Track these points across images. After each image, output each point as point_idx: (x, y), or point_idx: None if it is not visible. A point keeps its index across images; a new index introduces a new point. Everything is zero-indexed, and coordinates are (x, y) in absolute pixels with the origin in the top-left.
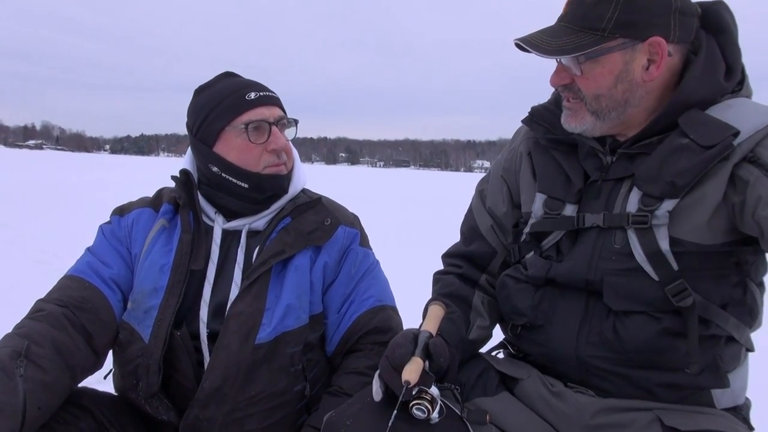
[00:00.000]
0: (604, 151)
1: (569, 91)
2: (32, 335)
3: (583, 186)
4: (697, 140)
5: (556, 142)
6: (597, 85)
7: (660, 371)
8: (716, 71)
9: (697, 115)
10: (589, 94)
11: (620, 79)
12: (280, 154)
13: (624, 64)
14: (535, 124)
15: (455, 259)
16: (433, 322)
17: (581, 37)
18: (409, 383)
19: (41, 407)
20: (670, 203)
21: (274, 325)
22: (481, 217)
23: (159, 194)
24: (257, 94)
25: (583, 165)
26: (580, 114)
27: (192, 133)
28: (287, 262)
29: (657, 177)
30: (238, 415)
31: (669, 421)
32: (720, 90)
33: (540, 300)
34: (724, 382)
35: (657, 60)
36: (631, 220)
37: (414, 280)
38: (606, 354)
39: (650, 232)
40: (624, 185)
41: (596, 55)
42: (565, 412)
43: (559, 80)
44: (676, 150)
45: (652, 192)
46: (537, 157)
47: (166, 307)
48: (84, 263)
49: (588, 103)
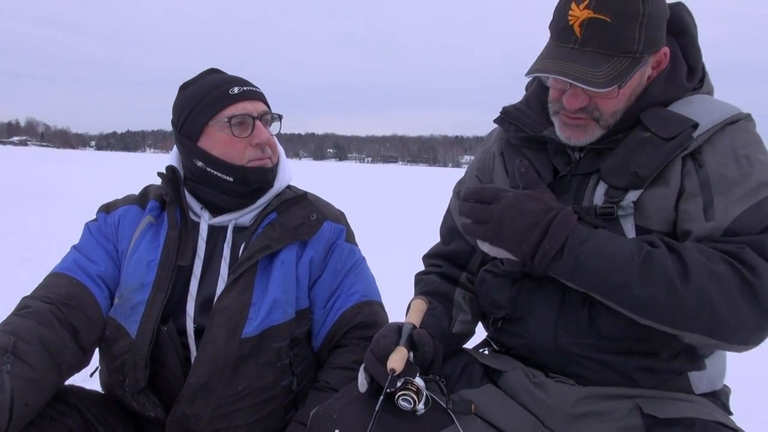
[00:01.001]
0: (572, 148)
1: (582, 112)
2: (19, 332)
3: (552, 180)
4: (659, 133)
5: (526, 140)
6: (619, 103)
7: (637, 356)
8: (679, 74)
9: (658, 110)
10: (608, 111)
11: (634, 92)
12: (264, 149)
13: (639, 78)
14: (506, 123)
15: (435, 260)
16: (416, 315)
17: (619, 62)
18: (395, 371)
19: (28, 404)
20: (634, 194)
21: (261, 320)
22: (459, 217)
23: (145, 191)
24: (240, 89)
25: (553, 161)
26: (590, 129)
27: (177, 128)
28: (273, 257)
29: (621, 170)
30: (226, 411)
31: (648, 409)
32: (683, 90)
33: (518, 292)
34: (700, 365)
35: (659, 66)
36: (598, 212)
37: (400, 276)
38: (584, 341)
39: (617, 222)
40: (591, 179)
41: (630, 78)
42: (547, 402)
43: (579, 103)
44: (639, 143)
45: (616, 184)
46: (509, 156)
47: (153, 302)
48: (70, 260)
49: (603, 120)
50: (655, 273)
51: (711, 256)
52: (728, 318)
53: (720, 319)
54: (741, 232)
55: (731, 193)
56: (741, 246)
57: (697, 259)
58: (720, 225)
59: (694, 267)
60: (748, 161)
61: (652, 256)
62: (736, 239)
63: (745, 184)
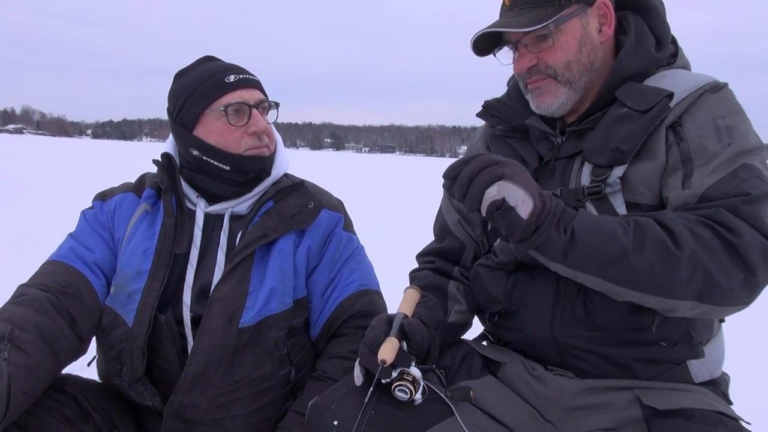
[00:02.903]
0: (554, 134)
1: (536, 73)
2: (15, 320)
3: (537, 166)
4: (635, 107)
5: (510, 130)
6: (566, 53)
7: (635, 347)
8: (646, 44)
9: (632, 86)
10: (560, 64)
11: (583, 42)
12: (261, 137)
13: (582, 28)
14: (488, 116)
15: (428, 257)
16: (407, 304)
17: (544, 10)
18: (385, 362)
19: (26, 391)
20: (619, 170)
21: (258, 309)
22: (449, 214)
23: (141, 180)
24: (237, 77)
25: (536, 148)
26: (552, 89)
27: (172, 117)
28: (270, 245)
29: (603, 147)
30: (223, 400)
31: (648, 400)
32: (653, 60)
33: (513, 285)
34: (699, 352)
35: (607, 20)
36: (586, 192)
37: (399, 264)
38: (581, 333)
39: (606, 200)
40: (576, 161)
41: (561, 22)
42: (546, 395)
43: (526, 63)
44: (617, 120)
45: (600, 162)
46: (494, 147)
47: (149, 290)
48: (67, 248)
49: (560, 75)
50: (649, 240)
51: (690, 221)
52: (720, 279)
53: (713, 281)
54: (715, 197)
55: (710, 164)
56: (716, 208)
57: (680, 223)
58: (695, 192)
59: (681, 231)
60: (728, 131)
61: (642, 225)
62: (711, 203)
63: (723, 154)
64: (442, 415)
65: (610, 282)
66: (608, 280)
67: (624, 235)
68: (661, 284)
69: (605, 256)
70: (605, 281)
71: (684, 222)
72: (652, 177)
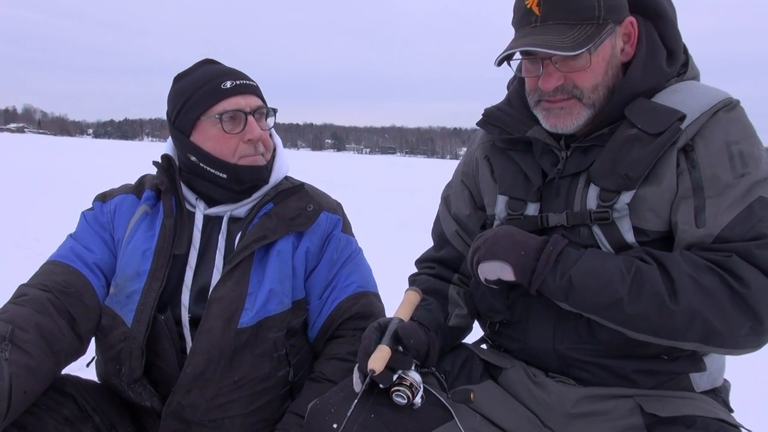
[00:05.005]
0: (559, 147)
1: (561, 92)
2: (16, 320)
3: (542, 184)
4: (645, 129)
5: (511, 142)
6: (595, 75)
7: (636, 359)
8: (657, 58)
9: (642, 103)
10: (588, 86)
11: (609, 64)
12: (257, 145)
13: (611, 49)
14: (489, 126)
15: (428, 263)
16: (405, 307)
17: (584, 29)
18: (374, 371)
19: (26, 391)
20: (627, 195)
21: (257, 310)
22: (447, 223)
23: (141, 181)
24: (233, 83)
25: (540, 162)
26: (575, 111)
27: (170, 121)
28: (269, 247)
29: (611, 171)
30: (222, 401)
31: (649, 407)
32: (664, 75)
33: (515, 297)
34: (701, 366)
35: (630, 39)
36: (593, 217)
37: (397, 267)
38: (583, 346)
39: (614, 226)
40: (580, 180)
41: (599, 44)
42: (547, 402)
43: (555, 81)
44: (626, 141)
45: (608, 186)
46: (495, 160)
47: (148, 291)
48: (67, 248)
49: (586, 97)
50: (646, 290)
51: (698, 267)
52: (721, 328)
53: (713, 330)
54: (731, 239)
55: (723, 197)
56: (728, 255)
57: (684, 272)
58: (710, 233)
59: (682, 282)
60: (741, 159)
61: (642, 273)
62: (725, 246)
63: (737, 187)
64: (442, 419)
65: (612, 323)
66: (609, 321)
67: (621, 282)
68: (658, 331)
69: (602, 302)
70: (607, 321)
71: (689, 269)
72: (660, 203)
